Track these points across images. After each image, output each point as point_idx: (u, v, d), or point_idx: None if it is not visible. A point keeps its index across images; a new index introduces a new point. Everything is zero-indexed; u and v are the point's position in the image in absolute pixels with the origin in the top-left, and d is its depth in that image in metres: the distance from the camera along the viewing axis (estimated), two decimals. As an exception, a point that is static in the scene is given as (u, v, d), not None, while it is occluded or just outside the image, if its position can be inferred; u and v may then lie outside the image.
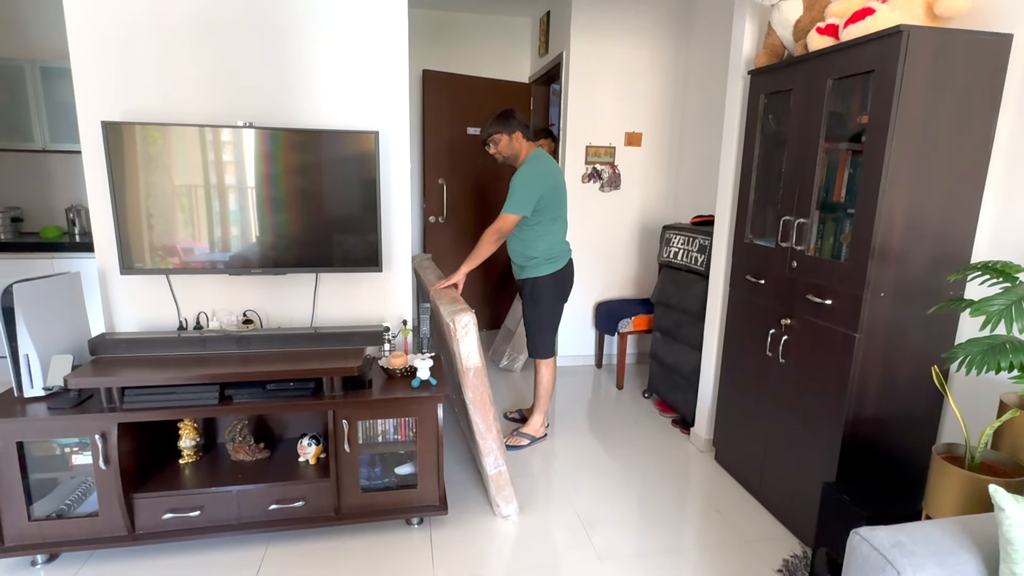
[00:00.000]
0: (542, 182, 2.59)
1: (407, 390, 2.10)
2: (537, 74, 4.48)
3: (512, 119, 2.67)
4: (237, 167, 2.20)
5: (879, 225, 1.74)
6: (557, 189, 2.64)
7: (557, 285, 2.74)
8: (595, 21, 3.67)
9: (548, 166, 2.63)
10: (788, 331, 2.14)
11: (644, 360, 4.20)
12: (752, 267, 2.38)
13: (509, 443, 2.84)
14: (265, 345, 2.16)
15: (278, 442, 2.35)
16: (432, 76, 4.25)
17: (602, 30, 3.69)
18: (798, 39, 2.14)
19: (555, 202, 2.65)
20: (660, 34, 3.76)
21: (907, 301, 1.82)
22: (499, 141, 2.69)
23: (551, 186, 2.61)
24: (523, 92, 4.61)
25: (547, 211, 2.63)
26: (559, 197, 2.66)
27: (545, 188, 2.59)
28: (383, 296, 2.52)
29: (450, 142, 4.37)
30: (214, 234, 2.23)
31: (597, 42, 3.70)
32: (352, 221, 2.32)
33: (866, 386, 1.86)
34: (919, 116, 1.68)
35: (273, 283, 2.42)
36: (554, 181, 2.63)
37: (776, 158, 2.31)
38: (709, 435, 2.82)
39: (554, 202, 2.64)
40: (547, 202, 2.62)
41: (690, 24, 3.76)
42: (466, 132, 4.39)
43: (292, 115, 2.33)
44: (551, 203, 2.63)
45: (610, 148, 3.86)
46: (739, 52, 2.53)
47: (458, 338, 2.07)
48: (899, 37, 1.63)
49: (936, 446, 1.53)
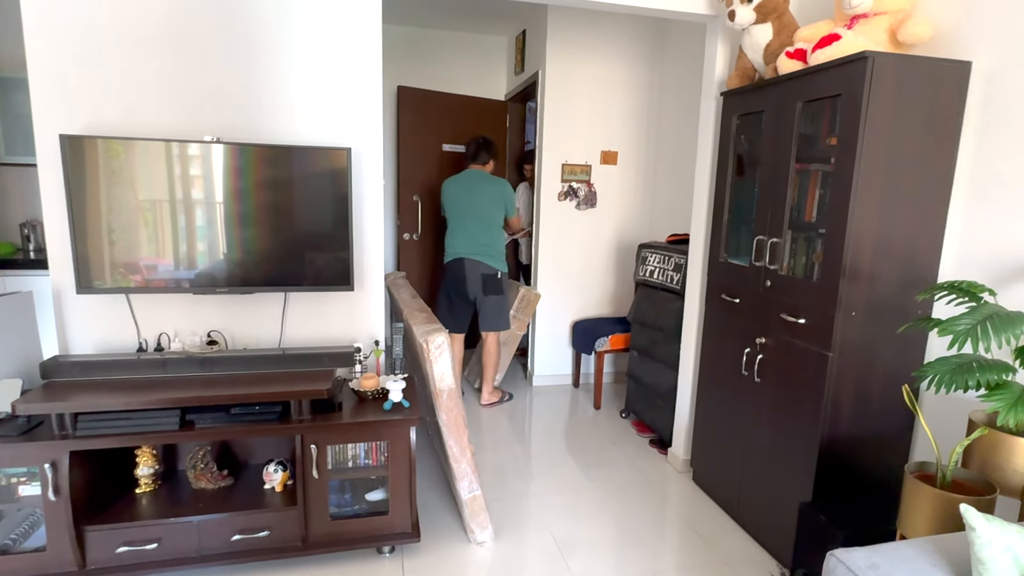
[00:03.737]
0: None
1: (379, 413, 2.07)
2: (513, 92, 4.54)
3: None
4: (205, 182, 2.17)
5: (849, 245, 1.79)
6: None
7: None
8: (570, 40, 3.75)
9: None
10: (763, 350, 2.18)
11: (621, 379, 4.22)
12: (727, 286, 2.42)
13: (483, 403, 3.64)
14: (230, 367, 2.12)
15: (243, 469, 2.29)
16: (407, 93, 4.27)
17: (577, 49, 3.77)
18: (768, 62, 2.21)
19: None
20: (635, 53, 3.86)
21: (878, 320, 1.87)
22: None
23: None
24: (499, 110, 4.65)
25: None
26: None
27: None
28: (355, 316, 2.50)
29: (425, 159, 4.38)
30: (179, 250, 2.19)
31: (573, 61, 3.77)
32: (323, 238, 2.30)
33: (840, 405, 1.90)
34: (885, 139, 1.75)
35: (240, 302, 2.38)
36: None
37: (749, 178, 2.37)
38: (687, 455, 2.84)
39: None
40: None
41: (664, 43, 3.87)
42: (442, 149, 4.41)
43: (262, 130, 2.31)
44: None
45: (586, 166, 3.92)
46: (712, 73, 2.61)
47: (431, 359, 2.05)
48: (864, 63, 1.70)
49: (908, 465, 1.57)
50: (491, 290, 3.48)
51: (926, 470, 1.57)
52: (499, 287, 3.49)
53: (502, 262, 3.51)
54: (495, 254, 3.48)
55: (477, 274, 3.45)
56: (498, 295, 3.50)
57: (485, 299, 3.49)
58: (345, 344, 2.46)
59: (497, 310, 3.53)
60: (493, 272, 3.46)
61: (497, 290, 3.49)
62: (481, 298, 3.50)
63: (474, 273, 3.45)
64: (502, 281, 3.50)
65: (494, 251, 3.48)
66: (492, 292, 3.48)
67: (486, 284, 3.47)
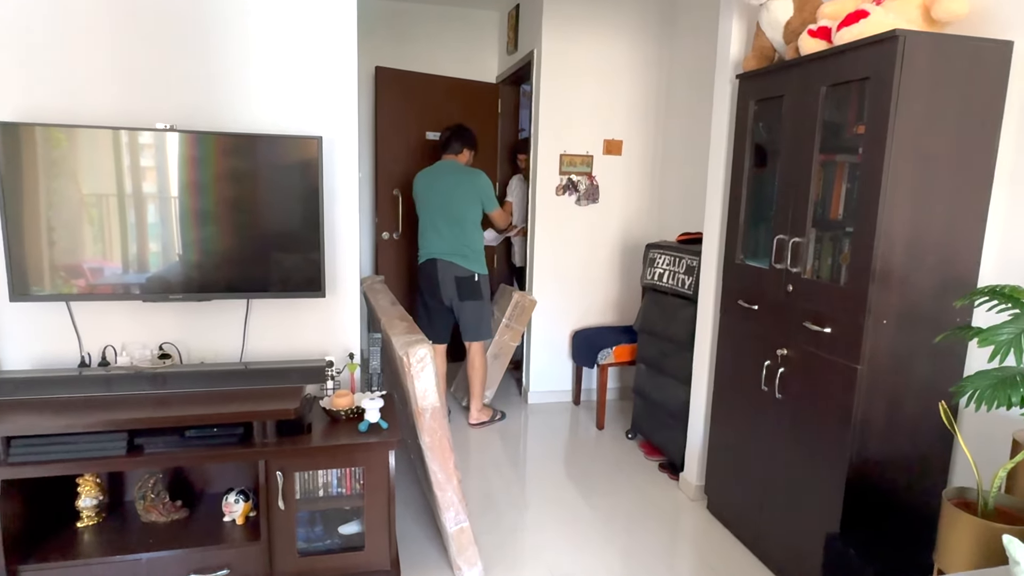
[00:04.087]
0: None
1: (353, 435, 2.06)
2: (505, 73, 4.55)
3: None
4: (158, 174, 2.16)
5: (879, 245, 1.79)
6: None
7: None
8: (569, 16, 3.76)
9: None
10: (785, 362, 2.18)
11: (627, 395, 4.21)
12: (745, 291, 2.43)
13: (472, 422, 3.64)
14: (185, 384, 2.11)
15: (199, 499, 2.27)
16: (386, 74, 4.27)
17: (577, 26, 3.78)
18: (789, 41, 2.22)
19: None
20: (641, 30, 3.87)
21: (911, 329, 1.87)
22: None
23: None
24: (490, 93, 4.66)
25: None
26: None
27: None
28: (326, 325, 2.48)
29: (407, 149, 4.37)
30: (128, 251, 2.17)
31: (572, 39, 3.78)
32: (291, 238, 2.29)
33: (870, 424, 1.90)
34: (919, 127, 1.76)
35: (196, 311, 2.36)
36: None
37: (769, 170, 2.37)
38: (700, 481, 2.83)
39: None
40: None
41: (674, 19, 3.88)
42: (425, 137, 4.41)
43: (223, 116, 2.30)
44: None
45: (587, 157, 3.92)
46: (726, 54, 2.62)
47: (413, 373, 2.05)
48: (895, 42, 1.71)
49: (947, 491, 1.57)
50: (467, 295, 3.48)
51: (966, 496, 1.57)
52: (476, 291, 3.50)
53: (479, 263, 3.51)
54: (470, 254, 3.48)
55: (450, 277, 3.46)
56: (475, 300, 3.50)
57: (462, 305, 3.50)
58: (315, 358, 2.45)
59: (476, 317, 3.54)
60: (468, 274, 3.47)
61: (474, 295, 3.49)
62: (457, 304, 3.50)
63: (447, 276, 3.46)
64: (480, 284, 3.51)
65: (469, 251, 3.48)
66: (469, 297, 3.49)
67: (461, 288, 3.47)
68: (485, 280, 3.54)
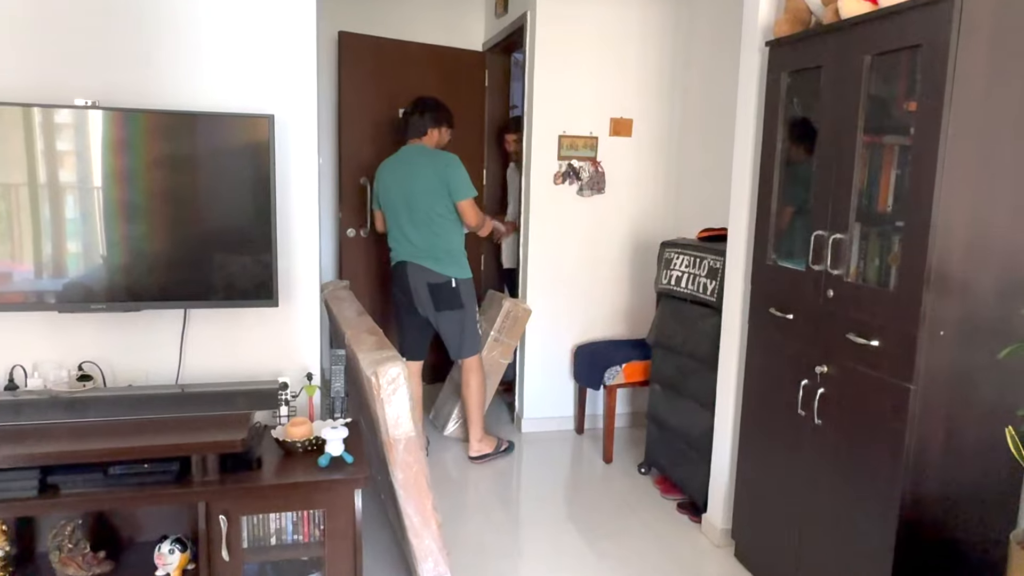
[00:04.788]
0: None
1: (312, 471, 2.06)
2: (494, 40, 4.57)
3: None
4: (78, 160, 2.16)
5: (934, 242, 1.81)
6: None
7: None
8: (569, -27, 3.79)
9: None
10: (825, 381, 2.19)
11: (640, 422, 4.22)
12: (777, 297, 2.44)
13: (472, 455, 3.65)
14: (109, 411, 2.10)
15: (126, 549, 2.26)
16: (352, 40, 4.28)
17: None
18: (828, 3, 2.25)
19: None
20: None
21: (973, 341, 1.89)
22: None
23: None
24: (475, 63, 4.68)
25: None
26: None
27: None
28: (280, 340, 2.49)
29: (376, 130, 4.38)
30: (42, 252, 2.17)
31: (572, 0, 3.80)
32: (237, 236, 2.29)
33: (925, 454, 1.91)
34: (980, 103, 1.78)
35: (123, 323, 2.35)
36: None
37: (805, 154, 2.39)
38: (727, 524, 2.84)
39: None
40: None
41: (692, -21, 3.92)
42: (398, 116, 4.41)
43: (156, 91, 2.30)
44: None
45: (591, 139, 3.95)
46: (754, 16, 2.64)
47: (383, 397, 2.05)
48: (950, 3, 1.73)
49: (1015, 532, 1.58)
50: (444, 304, 3.49)
51: (1038, 539, 1.59)
52: (454, 300, 3.49)
53: (456, 266, 3.51)
54: (443, 255, 3.48)
55: (422, 283, 3.47)
56: (454, 310, 3.50)
57: (439, 316, 3.51)
58: (267, 379, 2.44)
59: (457, 330, 3.54)
60: (443, 280, 3.47)
61: (452, 303, 3.49)
62: (434, 315, 3.51)
63: (418, 282, 3.48)
64: (459, 291, 3.50)
65: (441, 252, 3.48)
66: (446, 307, 3.49)
67: (436, 296, 3.47)
68: (467, 285, 3.54)
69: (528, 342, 4.04)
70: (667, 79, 4.01)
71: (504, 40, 4.40)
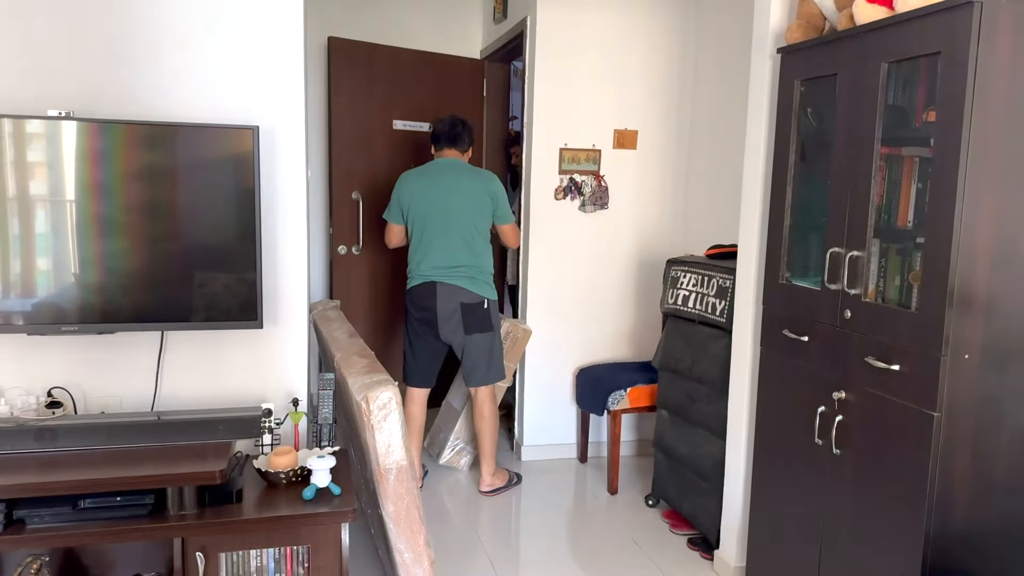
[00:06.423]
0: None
1: (296, 504, 2.05)
2: (492, 48, 4.60)
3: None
4: (50, 172, 2.17)
5: (957, 259, 1.80)
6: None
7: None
8: (571, -22, 3.82)
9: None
10: (843, 408, 2.17)
11: (646, 451, 4.19)
12: (791, 318, 2.43)
13: (484, 490, 3.61)
14: (80, 440, 2.10)
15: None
16: (343, 46, 4.30)
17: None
18: (842, 8, 2.25)
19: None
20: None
21: (1001, 365, 1.87)
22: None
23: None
24: (473, 71, 4.70)
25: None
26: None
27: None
28: (264, 364, 2.48)
29: (369, 141, 4.39)
30: (10, 270, 2.17)
31: (574, 4, 3.83)
32: (220, 253, 2.29)
33: (951, 486, 1.89)
34: (1002, 112, 1.78)
35: (97, 346, 2.35)
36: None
37: (819, 167, 2.39)
38: (740, 561, 2.81)
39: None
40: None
41: (700, -16, 3.95)
42: (392, 127, 4.43)
43: (134, 101, 2.31)
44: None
45: (593, 152, 3.95)
46: (765, 23, 2.65)
47: (373, 424, 2.04)
48: (970, 8, 1.73)
49: (1050, 572, 1.55)
50: (476, 326, 3.41)
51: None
52: (487, 322, 3.44)
53: (489, 287, 3.49)
54: (479, 275, 3.44)
55: (454, 304, 3.38)
56: (485, 332, 3.44)
57: (469, 340, 3.42)
58: (249, 405, 2.43)
59: (487, 355, 3.46)
60: (478, 300, 3.41)
61: (485, 326, 3.43)
62: (462, 339, 3.42)
63: (450, 303, 3.39)
64: (490, 312, 3.46)
65: (478, 271, 3.44)
66: (478, 329, 3.42)
67: (469, 318, 3.40)
68: (495, 307, 3.51)
69: (528, 365, 4.03)
70: (674, 88, 4.03)
71: (503, 48, 4.43)
